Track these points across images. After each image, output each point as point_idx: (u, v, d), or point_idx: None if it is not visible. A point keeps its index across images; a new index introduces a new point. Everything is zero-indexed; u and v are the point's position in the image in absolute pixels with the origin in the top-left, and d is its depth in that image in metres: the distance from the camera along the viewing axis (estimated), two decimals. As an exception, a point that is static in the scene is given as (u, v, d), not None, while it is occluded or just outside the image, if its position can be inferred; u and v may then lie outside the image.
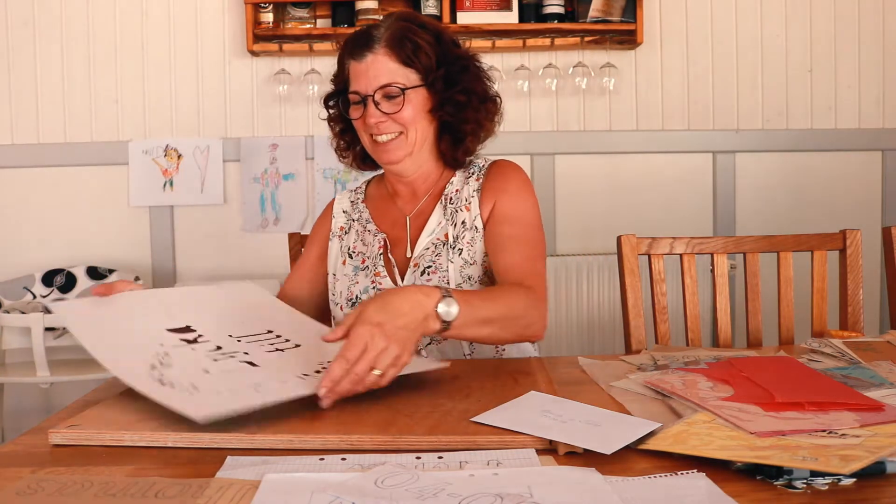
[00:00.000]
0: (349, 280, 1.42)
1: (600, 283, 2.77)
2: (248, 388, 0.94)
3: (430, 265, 1.36)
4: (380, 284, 1.38)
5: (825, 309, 1.59)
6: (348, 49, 1.37)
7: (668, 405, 0.96)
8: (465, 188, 1.42)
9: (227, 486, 0.72)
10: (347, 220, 1.51)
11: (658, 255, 1.59)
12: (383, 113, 1.33)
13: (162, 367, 0.96)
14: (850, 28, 2.93)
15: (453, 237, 1.39)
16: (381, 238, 1.43)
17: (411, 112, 1.34)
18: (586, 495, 0.69)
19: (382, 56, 1.33)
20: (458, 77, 1.37)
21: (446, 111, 1.37)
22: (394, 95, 1.33)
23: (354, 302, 1.39)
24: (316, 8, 2.77)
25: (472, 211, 1.40)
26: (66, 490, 0.72)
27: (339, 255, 1.47)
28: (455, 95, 1.36)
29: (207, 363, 1.01)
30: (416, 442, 0.83)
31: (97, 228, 2.86)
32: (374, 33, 1.34)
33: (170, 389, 0.91)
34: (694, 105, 2.93)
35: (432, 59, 1.35)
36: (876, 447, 0.75)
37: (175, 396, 0.90)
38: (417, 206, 1.45)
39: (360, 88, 1.34)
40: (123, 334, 1.05)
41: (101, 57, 2.84)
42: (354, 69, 1.35)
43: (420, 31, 1.35)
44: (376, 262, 1.41)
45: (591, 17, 2.72)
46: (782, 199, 2.96)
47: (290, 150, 2.86)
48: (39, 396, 2.85)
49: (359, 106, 1.36)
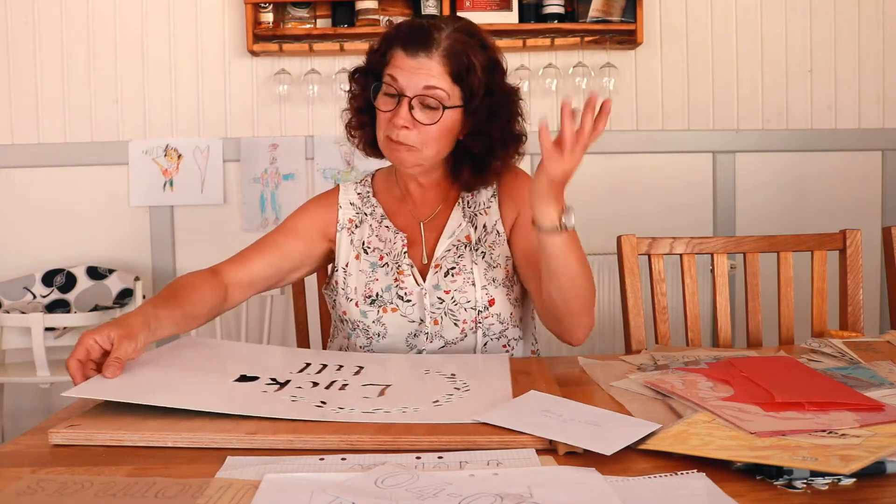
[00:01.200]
0: (367, 276, 1.39)
1: (600, 283, 2.77)
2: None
3: (454, 266, 1.36)
4: (402, 283, 1.36)
5: (825, 309, 1.59)
6: (402, 38, 1.29)
7: (668, 405, 0.96)
8: (483, 192, 1.43)
9: (227, 486, 0.72)
10: (358, 214, 1.46)
11: (658, 255, 1.59)
12: (414, 119, 1.28)
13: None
14: (850, 28, 2.93)
15: (476, 239, 1.39)
16: (402, 237, 1.40)
17: (439, 130, 1.29)
18: (586, 495, 0.69)
19: (436, 64, 1.27)
20: (500, 111, 1.33)
21: (479, 142, 1.33)
22: (432, 107, 1.28)
23: (374, 299, 1.37)
24: (316, 8, 2.76)
25: (492, 215, 1.41)
26: (66, 490, 0.72)
27: (350, 248, 1.43)
28: (492, 130, 1.32)
29: (320, 396, 0.99)
30: (416, 442, 0.84)
31: (97, 228, 2.86)
32: (435, 35, 1.28)
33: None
34: (694, 105, 2.92)
35: (482, 84, 1.30)
36: (876, 447, 0.75)
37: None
38: (432, 214, 1.43)
39: (402, 84, 1.28)
40: (189, 385, 1.03)
41: (101, 57, 2.83)
42: (402, 62, 1.28)
43: (479, 53, 1.30)
44: (399, 260, 1.38)
45: (591, 17, 2.72)
46: (782, 199, 2.95)
47: (290, 150, 2.85)
48: (39, 396, 2.85)
49: (390, 99, 1.30)
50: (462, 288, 1.35)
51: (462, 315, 1.35)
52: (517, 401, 0.97)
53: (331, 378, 1.08)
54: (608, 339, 2.78)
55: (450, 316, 1.35)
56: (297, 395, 0.98)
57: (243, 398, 0.97)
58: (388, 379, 1.09)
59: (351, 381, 1.07)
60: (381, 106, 1.31)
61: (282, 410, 0.91)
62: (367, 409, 0.93)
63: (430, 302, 1.35)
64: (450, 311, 1.35)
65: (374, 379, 1.08)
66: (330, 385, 1.04)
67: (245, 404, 0.94)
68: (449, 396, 0.99)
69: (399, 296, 1.36)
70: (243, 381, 1.04)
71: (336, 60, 2.84)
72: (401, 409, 0.94)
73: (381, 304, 1.37)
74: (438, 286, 1.36)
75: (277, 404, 0.94)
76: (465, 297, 1.35)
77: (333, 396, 0.99)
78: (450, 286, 1.35)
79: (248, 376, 1.06)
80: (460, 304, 1.35)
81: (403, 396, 1.00)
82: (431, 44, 1.27)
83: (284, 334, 2.88)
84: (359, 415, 0.91)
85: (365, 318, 1.37)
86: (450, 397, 0.99)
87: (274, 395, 0.99)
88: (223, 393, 0.99)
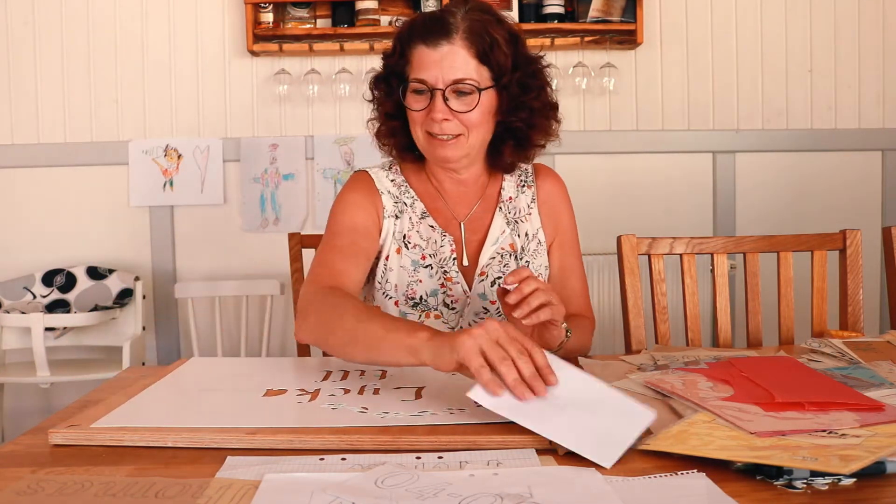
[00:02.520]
0: (408, 275, 1.33)
1: (600, 283, 2.77)
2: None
3: (500, 276, 1.34)
4: (450, 290, 1.33)
5: (825, 309, 1.59)
6: (418, 32, 1.25)
7: (668, 405, 0.96)
8: (522, 197, 1.41)
9: (227, 486, 0.72)
10: (396, 203, 1.37)
11: (658, 255, 1.59)
12: (451, 110, 1.24)
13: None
14: (850, 28, 2.93)
15: (520, 248, 1.38)
16: (450, 240, 1.35)
17: (480, 114, 1.25)
18: (586, 495, 0.69)
19: (460, 48, 1.22)
20: (532, 82, 1.29)
21: (519, 117, 1.29)
22: (466, 93, 1.23)
23: (418, 303, 1.33)
24: (316, 8, 2.76)
25: (533, 223, 1.40)
26: (66, 490, 0.72)
27: (392, 240, 1.35)
28: (530, 101, 1.29)
29: (356, 404, 0.97)
30: (416, 442, 0.83)
31: (97, 228, 2.86)
32: (451, 20, 1.23)
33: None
34: (694, 105, 2.92)
35: (508, 58, 1.26)
36: (876, 447, 0.75)
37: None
38: (471, 212, 1.39)
39: (429, 79, 1.23)
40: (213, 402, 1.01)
41: (101, 57, 2.83)
42: (425, 56, 1.23)
43: (498, 28, 1.26)
44: (447, 265, 1.34)
45: (591, 17, 2.72)
46: (782, 199, 2.95)
47: (290, 150, 2.85)
48: (39, 396, 2.85)
49: (421, 96, 1.25)
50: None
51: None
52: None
53: (359, 384, 1.06)
54: (608, 339, 2.78)
55: None
56: (335, 404, 0.96)
57: (284, 411, 0.94)
58: (417, 381, 1.07)
59: (381, 385, 1.05)
60: (413, 105, 1.27)
61: (330, 420, 0.89)
62: (413, 412, 0.91)
63: (475, 311, 1.33)
64: None
65: (403, 382, 1.07)
66: (362, 390, 1.02)
67: (291, 417, 0.91)
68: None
69: (446, 303, 1.33)
70: (272, 395, 1.01)
71: (336, 60, 2.84)
72: (446, 410, 0.92)
73: (426, 308, 1.33)
74: (485, 295, 1.33)
75: (322, 414, 0.92)
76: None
77: (372, 401, 0.97)
78: (496, 297, 1.33)
79: (276, 390, 1.03)
80: (504, 315, 1.34)
81: (442, 398, 0.98)
82: (450, 29, 1.23)
83: (284, 334, 2.88)
84: (406, 418, 0.89)
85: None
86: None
87: (310, 405, 0.96)
88: (261, 408, 0.96)
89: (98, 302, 2.68)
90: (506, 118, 1.30)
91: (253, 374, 1.15)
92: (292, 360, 1.29)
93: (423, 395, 1.00)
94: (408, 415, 0.91)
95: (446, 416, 0.89)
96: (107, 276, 2.73)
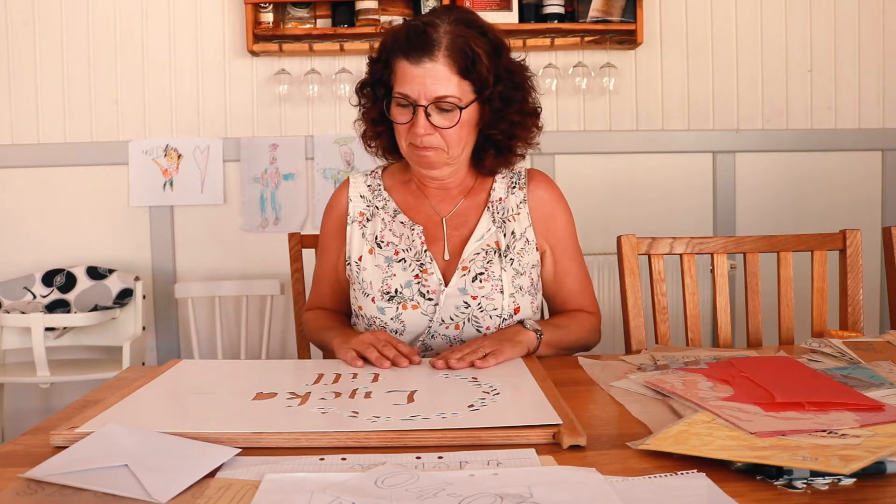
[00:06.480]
0: (382, 272, 1.38)
1: (600, 283, 2.77)
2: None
3: (483, 272, 1.35)
4: (425, 281, 1.35)
5: (825, 309, 1.59)
6: (401, 47, 1.28)
7: (668, 405, 0.96)
8: (511, 198, 1.42)
9: (227, 486, 0.72)
10: (368, 207, 1.44)
11: (658, 255, 1.59)
12: (433, 125, 1.28)
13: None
14: (850, 28, 2.93)
15: (505, 246, 1.38)
16: (419, 231, 1.39)
17: (461, 128, 1.29)
18: (586, 495, 0.69)
19: (441, 65, 1.25)
20: (514, 93, 1.32)
21: (500, 130, 1.33)
22: (448, 109, 1.27)
23: (393, 296, 1.36)
24: (316, 8, 2.76)
25: (521, 222, 1.41)
26: (67, 490, 0.72)
27: (362, 242, 1.42)
28: (510, 114, 1.32)
29: (350, 405, 0.97)
30: (416, 442, 0.84)
31: (97, 228, 2.86)
32: (433, 35, 1.26)
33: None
34: (694, 105, 2.92)
35: (490, 71, 1.29)
36: (876, 447, 0.75)
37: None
38: (454, 208, 1.42)
39: (412, 95, 1.27)
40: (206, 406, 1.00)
41: (101, 57, 2.83)
42: (408, 71, 1.27)
43: (480, 41, 1.28)
44: (420, 256, 1.37)
45: (591, 18, 2.72)
46: (782, 199, 2.95)
47: (290, 150, 2.85)
48: (39, 396, 2.85)
49: (405, 109, 1.29)
50: (490, 295, 1.34)
51: (486, 322, 1.34)
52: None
53: (351, 387, 1.06)
54: (608, 339, 2.77)
55: (473, 322, 1.34)
56: (325, 408, 0.95)
57: (271, 416, 0.93)
58: (410, 384, 1.07)
59: (374, 389, 1.04)
60: (398, 118, 1.31)
61: (317, 424, 0.88)
62: (404, 417, 0.91)
63: (455, 304, 1.34)
64: (474, 318, 1.34)
65: (396, 385, 1.06)
66: (353, 394, 1.02)
67: (277, 422, 0.90)
68: (482, 400, 0.98)
69: (421, 293, 1.35)
70: (262, 399, 1.00)
71: (336, 60, 2.84)
72: (439, 414, 0.91)
73: (401, 300, 1.35)
74: (465, 290, 1.35)
75: (310, 419, 0.91)
76: (492, 304, 1.34)
77: (363, 405, 0.96)
78: (477, 292, 1.34)
79: (266, 393, 1.03)
80: (486, 310, 1.34)
81: (435, 402, 0.98)
82: (433, 45, 1.26)
83: (284, 335, 2.88)
84: (397, 422, 0.88)
85: (383, 315, 1.36)
86: (483, 401, 0.97)
87: (299, 409, 0.95)
88: (248, 413, 0.95)
89: (98, 302, 2.68)
90: (487, 130, 1.34)
91: (246, 377, 1.15)
92: (284, 363, 1.30)
93: (416, 398, 0.99)
94: (398, 419, 0.90)
95: (438, 421, 0.89)
96: (107, 276, 2.73)
